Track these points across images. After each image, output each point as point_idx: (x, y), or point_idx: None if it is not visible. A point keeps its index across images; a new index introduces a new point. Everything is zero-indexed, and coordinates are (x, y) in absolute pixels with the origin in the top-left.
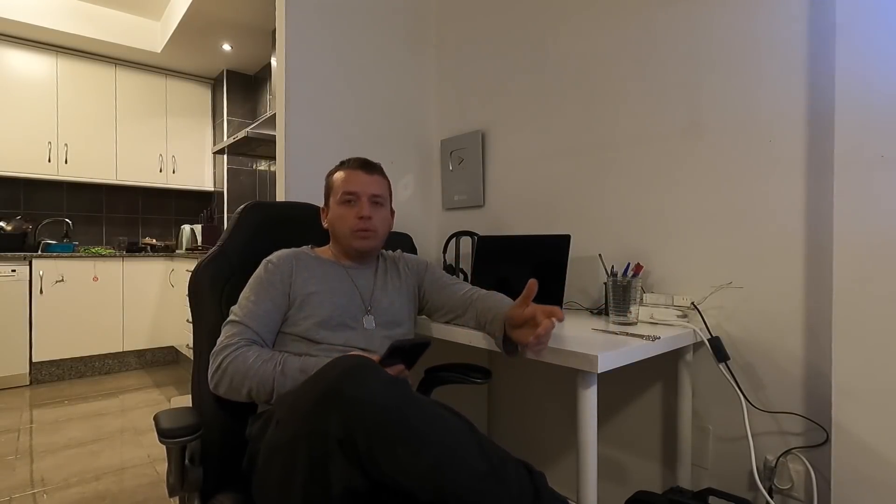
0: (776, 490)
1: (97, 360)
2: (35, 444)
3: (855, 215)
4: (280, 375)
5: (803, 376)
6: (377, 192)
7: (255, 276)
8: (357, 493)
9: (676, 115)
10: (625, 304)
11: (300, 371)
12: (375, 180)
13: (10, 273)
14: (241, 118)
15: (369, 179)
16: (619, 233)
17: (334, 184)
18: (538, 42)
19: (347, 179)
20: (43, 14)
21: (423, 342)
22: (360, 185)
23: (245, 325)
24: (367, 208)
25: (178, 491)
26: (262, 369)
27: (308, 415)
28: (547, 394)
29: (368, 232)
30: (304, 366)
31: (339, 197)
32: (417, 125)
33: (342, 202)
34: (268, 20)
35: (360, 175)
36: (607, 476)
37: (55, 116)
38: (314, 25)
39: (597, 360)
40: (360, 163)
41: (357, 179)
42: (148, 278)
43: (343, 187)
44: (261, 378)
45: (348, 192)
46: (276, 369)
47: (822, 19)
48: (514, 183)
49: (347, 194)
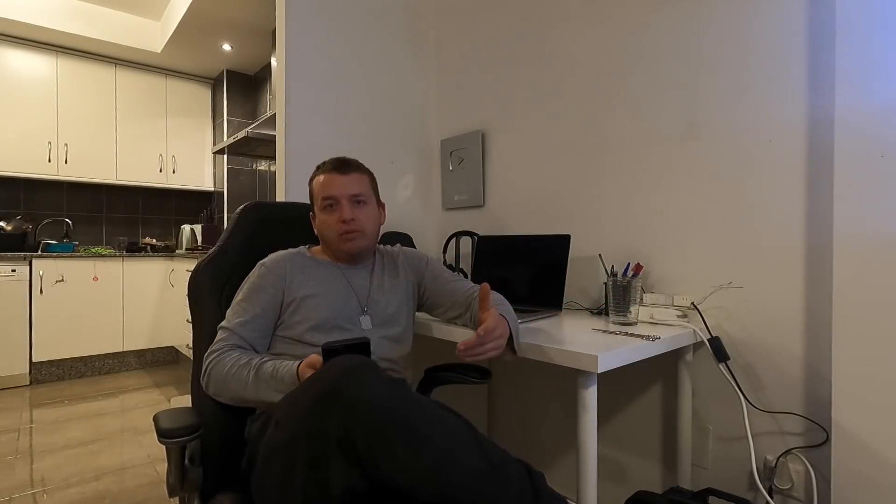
0: (776, 490)
1: (97, 360)
2: (35, 444)
3: (855, 215)
4: (253, 379)
5: (803, 376)
6: (356, 191)
7: (247, 280)
8: (356, 493)
9: (676, 115)
10: (625, 304)
11: (271, 376)
12: (353, 179)
13: (10, 273)
14: (241, 118)
15: (346, 180)
16: (619, 233)
17: (314, 190)
18: (538, 42)
19: (325, 184)
20: (43, 14)
21: (360, 341)
22: (337, 188)
23: (231, 331)
24: (347, 211)
25: (178, 491)
26: (237, 374)
27: (308, 415)
28: (547, 394)
29: (354, 233)
30: (277, 370)
31: (320, 203)
32: (417, 125)
33: (323, 208)
34: (268, 20)
35: (336, 178)
36: (607, 476)
37: (55, 116)
38: (314, 25)
39: (597, 360)
40: (334, 164)
41: (333, 183)
42: (148, 278)
43: (321, 193)
44: (237, 382)
45: (326, 196)
46: (250, 374)
47: (822, 19)
48: (514, 183)
49: (326, 199)
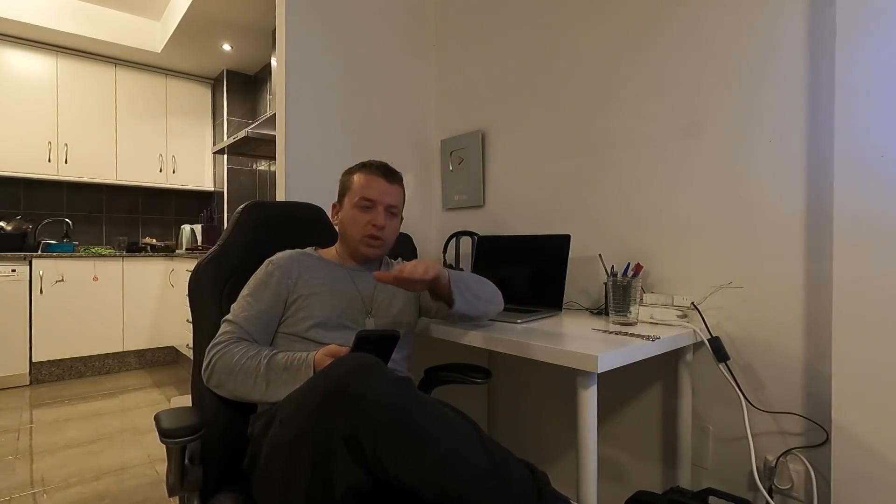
0: (776, 490)
1: (97, 360)
2: (35, 444)
3: (855, 215)
4: (265, 370)
5: (803, 376)
6: (394, 202)
7: (254, 276)
8: (361, 491)
9: (676, 114)
10: (625, 304)
11: (284, 368)
12: (395, 190)
13: (10, 273)
14: (241, 118)
15: (389, 189)
16: (619, 233)
17: (353, 185)
18: (538, 42)
19: (368, 184)
20: (43, 14)
21: (391, 334)
22: (379, 194)
23: (237, 325)
24: (382, 217)
25: (178, 491)
26: (246, 365)
27: (313, 413)
28: (547, 394)
29: (379, 241)
30: (291, 361)
31: (357, 200)
32: (417, 125)
33: (358, 206)
34: (268, 20)
35: (382, 183)
36: (607, 476)
37: (55, 116)
38: (314, 25)
39: (597, 360)
40: (383, 170)
41: (378, 187)
42: (148, 278)
43: (362, 191)
44: (245, 373)
45: (367, 197)
46: (261, 364)
47: (822, 19)
48: (514, 183)
49: (365, 199)
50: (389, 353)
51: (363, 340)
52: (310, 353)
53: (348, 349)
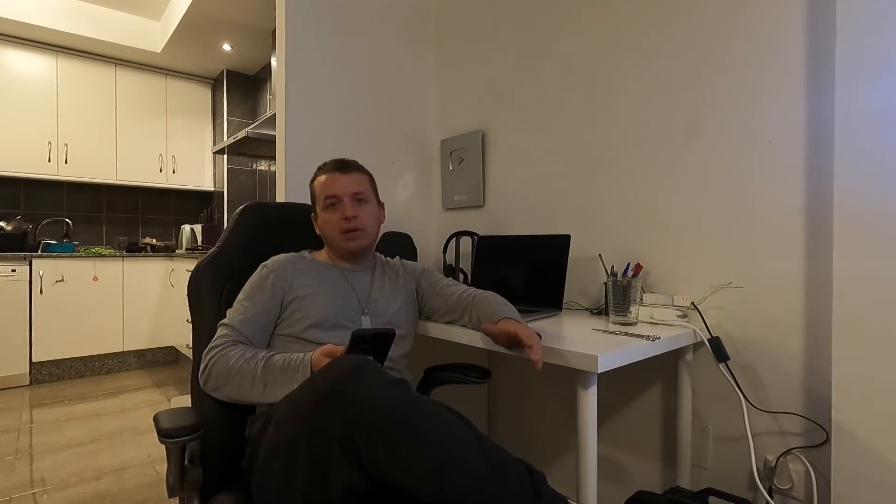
0: (776, 490)
1: (97, 360)
2: (35, 444)
3: (855, 216)
4: (262, 372)
5: (803, 376)
6: (357, 189)
7: (250, 281)
8: (357, 493)
9: (677, 114)
10: (625, 304)
11: (281, 369)
12: (354, 178)
13: (10, 273)
14: (241, 118)
15: (347, 179)
16: (619, 233)
17: (316, 190)
18: (538, 42)
19: (326, 184)
20: (43, 14)
21: (387, 332)
22: (339, 187)
23: (233, 328)
24: (350, 208)
25: (178, 491)
26: (243, 367)
27: (309, 415)
28: (547, 394)
29: (357, 231)
30: (288, 362)
31: (323, 202)
32: (417, 125)
33: (326, 207)
34: (268, 20)
35: (338, 177)
36: (607, 476)
37: (55, 116)
38: (314, 25)
39: (597, 361)
40: (335, 164)
41: (336, 182)
42: (148, 278)
43: (324, 192)
44: (242, 376)
45: (329, 195)
46: (258, 366)
47: (822, 19)
48: (514, 183)
49: (329, 198)
50: (386, 351)
51: (359, 339)
52: (306, 354)
53: (345, 348)
